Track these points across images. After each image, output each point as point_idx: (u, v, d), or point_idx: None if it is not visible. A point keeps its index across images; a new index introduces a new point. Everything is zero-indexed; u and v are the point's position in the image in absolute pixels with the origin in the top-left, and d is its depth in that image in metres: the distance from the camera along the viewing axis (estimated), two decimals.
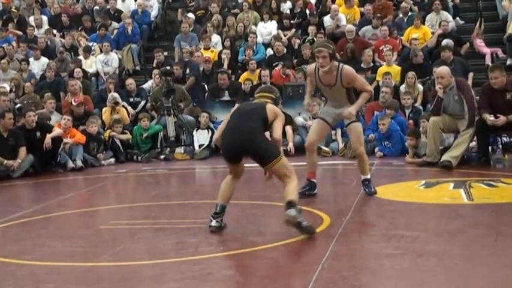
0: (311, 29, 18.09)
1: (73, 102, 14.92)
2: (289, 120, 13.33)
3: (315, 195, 9.13)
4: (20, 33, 20.20)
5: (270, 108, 7.35)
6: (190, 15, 19.83)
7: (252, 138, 7.14)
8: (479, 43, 17.45)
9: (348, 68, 8.81)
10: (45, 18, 20.83)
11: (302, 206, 8.35)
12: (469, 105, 11.44)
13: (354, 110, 8.79)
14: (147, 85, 17.22)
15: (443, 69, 11.91)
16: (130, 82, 16.69)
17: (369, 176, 9.18)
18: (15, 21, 20.76)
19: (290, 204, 6.92)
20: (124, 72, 18.60)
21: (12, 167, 12.64)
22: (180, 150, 14.89)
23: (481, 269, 5.73)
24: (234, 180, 7.44)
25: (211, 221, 7.27)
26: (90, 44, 19.06)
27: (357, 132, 9.03)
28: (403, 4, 18.73)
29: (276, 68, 16.69)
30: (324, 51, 8.54)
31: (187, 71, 16.88)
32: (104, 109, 15.77)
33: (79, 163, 13.44)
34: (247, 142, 7.13)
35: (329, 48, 8.58)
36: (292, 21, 18.94)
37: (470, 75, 15.48)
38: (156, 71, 17.05)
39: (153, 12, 20.79)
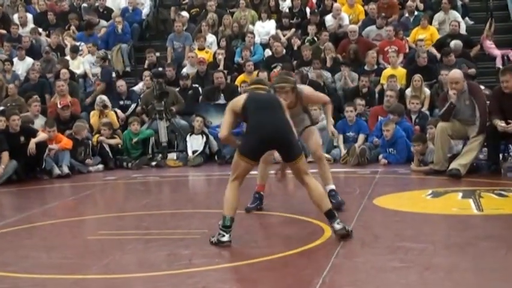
0: (311, 29, 18.12)
1: (58, 105, 14.91)
2: None
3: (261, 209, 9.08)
4: (3, 31, 20.17)
5: (282, 100, 7.69)
6: (184, 13, 19.84)
7: (287, 129, 7.34)
8: (489, 45, 17.46)
9: (306, 90, 8.96)
10: (30, 16, 20.79)
11: (301, 216, 8.38)
12: (481, 110, 11.42)
13: (332, 127, 9.18)
14: (137, 87, 17.22)
15: (456, 73, 11.82)
16: (121, 84, 16.68)
17: (333, 186, 9.05)
18: None
19: (331, 215, 7.28)
20: (113, 73, 18.59)
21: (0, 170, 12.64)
22: (172, 156, 14.88)
23: (491, 283, 5.73)
24: (239, 188, 7.42)
25: (224, 235, 7.13)
26: (78, 43, 19.04)
27: (314, 135, 9.06)
28: (409, 3, 18.72)
29: (275, 70, 16.68)
30: (286, 87, 8.51)
31: (99, 76, 17.20)
32: (92, 113, 15.75)
33: (65, 170, 13.42)
34: (283, 133, 7.30)
35: (291, 82, 8.61)
36: (291, 21, 18.96)
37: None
38: (147, 73, 17.07)
39: (145, 10, 20.78)
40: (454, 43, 16.45)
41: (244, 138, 7.50)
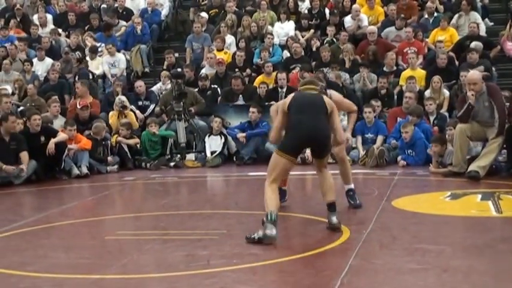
0: (330, 30, 18.10)
1: (78, 105, 14.97)
2: None
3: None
4: (23, 34, 20.21)
5: (327, 100, 7.99)
6: (204, 14, 19.85)
7: (323, 131, 7.78)
8: (510, 46, 17.33)
9: (335, 95, 9.06)
10: (49, 17, 20.89)
11: (319, 217, 8.37)
12: (500, 112, 11.38)
13: (349, 135, 9.35)
14: (155, 88, 17.25)
15: (474, 75, 11.80)
16: (140, 85, 16.70)
17: (352, 186, 9.28)
18: (19, 19, 20.83)
19: (332, 208, 7.84)
20: (132, 74, 18.65)
21: (20, 171, 12.65)
22: (191, 157, 14.89)
23: (510, 285, 5.71)
24: (277, 190, 7.72)
25: (273, 228, 7.23)
26: (98, 44, 19.10)
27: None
28: (429, 4, 18.65)
29: (293, 71, 16.67)
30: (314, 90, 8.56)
31: (77, 78, 17.22)
32: (110, 113, 15.79)
33: (84, 170, 13.45)
34: (318, 134, 7.71)
35: (319, 86, 8.60)
36: (310, 22, 18.93)
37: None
38: (164, 73, 17.12)
39: (164, 11, 20.81)
40: (475, 44, 16.35)
41: (284, 137, 7.82)
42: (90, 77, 17.62)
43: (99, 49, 18.85)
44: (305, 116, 7.67)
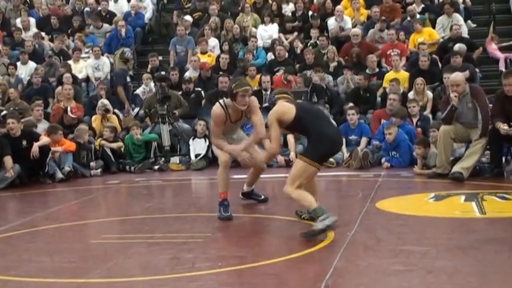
0: (313, 32, 18.14)
1: (69, 113, 14.91)
2: None
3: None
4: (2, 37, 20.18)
5: None
6: (188, 17, 19.85)
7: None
8: (493, 48, 17.38)
9: (255, 102, 8.87)
10: (33, 20, 20.85)
11: (304, 220, 8.36)
12: (483, 113, 11.41)
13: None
14: (139, 90, 17.22)
15: (457, 76, 11.84)
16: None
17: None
18: None
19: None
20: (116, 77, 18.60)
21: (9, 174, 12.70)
22: (175, 160, 14.87)
23: (494, 286, 5.73)
24: None
25: (328, 217, 7.37)
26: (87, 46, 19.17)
27: (256, 149, 9.31)
28: (410, 7, 18.64)
29: (277, 74, 16.69)
30: (249, 90, 8.62)
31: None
32: (94, 117, 15.76)
33: (67, 169, 13.41)
34: (341, 141, 8.36)
35: (251, 87, 8.93)
36: (294, 25, 18.96)
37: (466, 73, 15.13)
38: (145, 75, 17.11)
39: (147, 14, 20.81)
40: (458, 47, 16.40)
41: (310, 146, 7.87)
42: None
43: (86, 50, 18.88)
44: (324, 123, 7.82)
